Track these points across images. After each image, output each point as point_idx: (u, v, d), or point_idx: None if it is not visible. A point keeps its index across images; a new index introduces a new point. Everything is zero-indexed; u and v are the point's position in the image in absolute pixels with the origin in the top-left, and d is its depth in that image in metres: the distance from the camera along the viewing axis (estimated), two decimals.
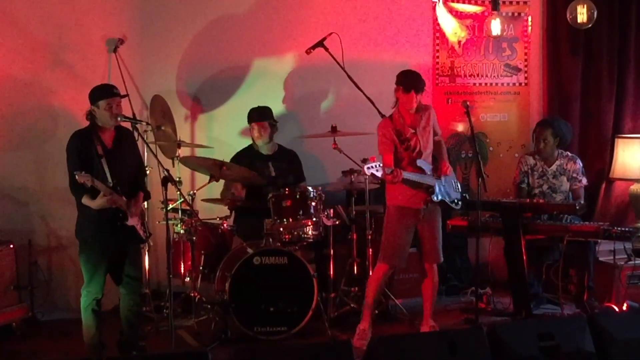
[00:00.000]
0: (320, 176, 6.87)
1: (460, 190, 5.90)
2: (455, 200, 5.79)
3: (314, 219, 5.99)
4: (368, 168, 5.27)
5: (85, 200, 5.03)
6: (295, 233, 5.97)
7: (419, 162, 5.61)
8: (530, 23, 7.72)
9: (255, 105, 6.59)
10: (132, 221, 5.14)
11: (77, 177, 4.82)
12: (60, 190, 6.02)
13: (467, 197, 5.79)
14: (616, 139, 7.50)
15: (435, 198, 5.60)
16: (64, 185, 5.17)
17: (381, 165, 5.29)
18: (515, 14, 7.68)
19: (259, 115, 6.53)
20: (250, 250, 5.84)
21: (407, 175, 5.47)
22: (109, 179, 5.03)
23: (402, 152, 5.62)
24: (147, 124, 6.17)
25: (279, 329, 5.74)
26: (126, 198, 5.11)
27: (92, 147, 5.08)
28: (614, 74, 7.69)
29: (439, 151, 5.87)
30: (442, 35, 7.51)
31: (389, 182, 5.54)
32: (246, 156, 6.54)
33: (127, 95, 5.59)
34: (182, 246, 6.07)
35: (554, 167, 6.65)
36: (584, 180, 6.69)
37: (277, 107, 6.85)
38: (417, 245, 5.83)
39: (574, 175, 6.64)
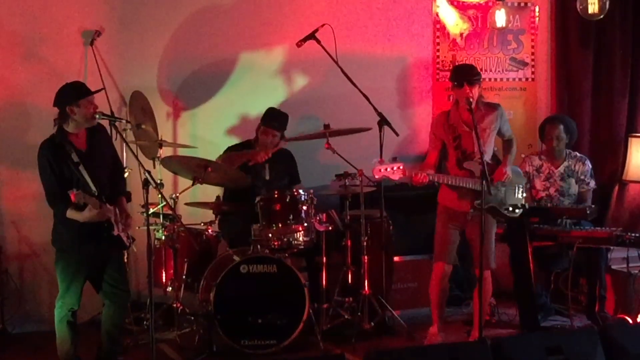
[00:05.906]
0: (311, 178, 6.85)
1: (523, 197, 5.94)
2: (510, 208, 5.82)
3: (305, 224, 5.98)
4: (379, 170, 5.34)
5: (72, 214, 4.97)
6: (285, 239, 5.95)
7: (466, 164, 5.68)
8: (537, 14, 7.73)
9: (249, 102, 6.63)
10: (118, 231, 5.12)
11: (72, 197, 4.76)
12: (32, 194, 5.99)
13: (527, 206, 5.95)
14: (630, 138, 7.52)
15: (478, 204, 5.54)
16: (36, 188, 5.14)
17: (401, 167, 5.37)
18: (522, 4, 7.69)
19: (278, 124, 6.47)
20: (236, 258, 5.82)
21: (442, 179, 5.63)
22: (92, 186, 5.01)
23: (452, 149, 5.75)
24: (127, 122, 6.15)
25: (268, 343, 5.72)
26: (110, 204, 5.09)
27: (67, 157, 5.04)
28: (627, 68, 7.72)
29: (505, 153, 5.95)
30: (443, 27, 7.52)
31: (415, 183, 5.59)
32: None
33: (102, 89, 5.55)
34: (164, 253, 6.07)
35: (561, 168, 6.64)
36: (592, 184, 6.69)
37: (265, 104, 6.78)
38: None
39: (582, 177, 6.64)
